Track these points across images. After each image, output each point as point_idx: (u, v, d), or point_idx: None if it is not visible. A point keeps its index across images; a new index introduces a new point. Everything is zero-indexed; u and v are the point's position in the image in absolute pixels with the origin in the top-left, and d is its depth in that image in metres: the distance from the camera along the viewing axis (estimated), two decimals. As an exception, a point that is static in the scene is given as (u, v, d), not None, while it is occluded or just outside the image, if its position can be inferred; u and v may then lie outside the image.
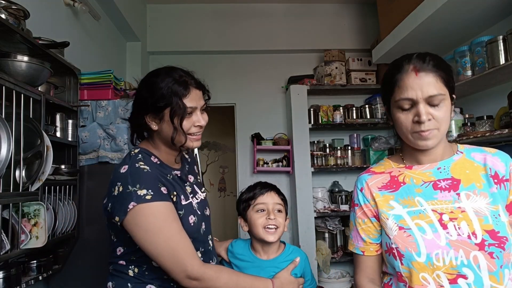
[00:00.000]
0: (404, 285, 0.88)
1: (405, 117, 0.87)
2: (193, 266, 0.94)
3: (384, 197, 0.94)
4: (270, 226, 1.12)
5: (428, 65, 0.85)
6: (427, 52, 0.90)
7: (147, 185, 0.94)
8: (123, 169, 0.99)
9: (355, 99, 3.43)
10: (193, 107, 1.01)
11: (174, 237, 0.94)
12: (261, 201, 1.15)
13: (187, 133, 1.02)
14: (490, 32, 2.10)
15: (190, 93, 1.01)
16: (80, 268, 1.79)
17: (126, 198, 0.93)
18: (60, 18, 2.03)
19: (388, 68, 0.94)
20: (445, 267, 0.81)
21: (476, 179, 0.88)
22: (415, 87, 0.84)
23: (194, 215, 1.05)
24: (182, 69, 1.07)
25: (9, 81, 1.23)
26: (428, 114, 0.84)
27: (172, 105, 0.98)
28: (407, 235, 0.86)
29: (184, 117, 1.00)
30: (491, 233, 0.80)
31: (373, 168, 1.03)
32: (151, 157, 1.06)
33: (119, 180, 0.97)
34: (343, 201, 3.06)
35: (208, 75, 3.99)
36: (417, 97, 0.84)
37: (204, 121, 1.05)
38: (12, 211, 1.25)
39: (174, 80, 1.00)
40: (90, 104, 1.87)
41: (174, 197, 1.01)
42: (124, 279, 1.04)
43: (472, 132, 1.99)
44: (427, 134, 0.85)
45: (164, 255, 0.93)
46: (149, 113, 1.03)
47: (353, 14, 3.54)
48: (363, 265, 0.99)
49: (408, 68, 0.86)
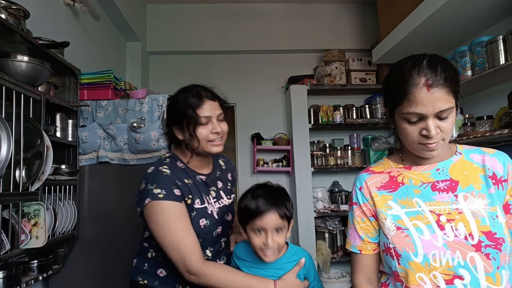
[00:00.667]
0: (401, 285, 0.88)
1: (412, 130, 0.85)
2: (191, 261, 1.03)
3: (383, 197, 0.94)
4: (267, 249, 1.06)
5: (440, 78, 0.81)
6: (435, 58, 0.85)
7: (162, 185, 1.08)
8: (150, 169, 1.15)
9: (355, 99, 3.43)
10: (207, 116, 1.14)
11: (178, 233, 1.05)
12: (259, 223, 1.05)
13: (208, 140, 1.14)
14: (490, 32, 2.10)
15: (204, 104, 1.13)
16: (80, 268, 1.79)
17: (144, 194, 1.09)
18: (60, 18, 2.03)
19: (392, 71, 0.89)
20: (442, 267, 0.81)
21: (474, 181, 0.88)
22: (426, 103, 0.81)
23: (207, 218, 1.15)
24: (201, 85, 1.21)
25: (9, 81, 1.23)
26: (437, 128, 0.83)
27: (188, 115, 1.12)
28: (405, 235, 0.86)
29: (197, 126, 1.12)
30: (488, 234, 0.80)
31: (372, 167, 1.03)
32: (177, 162, 1.19)
33: (144, 178, 1.13)
34: (343, 201, 3.06)
35: (208, 75, 4.00)
36: (428, 112, 0.81)
37: (220, 128, 1.16)
38: (12, 211, 1.25)
39: (190, 94, 1.15)
40: (90, 104, 1.87)
41: (188, 200, 1.12)
42: (144, 259, 1.21)
43: (472, 132, 1.99)
44: (434, 146, 0.85)
45: (168, 247, 1.06)
46: (174, 125, 1.18)
47: (353, 14, 3.54)
48: (360, 264, 0.98)
49: (419, 81, 0.81)
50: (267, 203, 1.05)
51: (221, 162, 1.38)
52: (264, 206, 1.04)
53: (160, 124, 1.82)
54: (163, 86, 3.27)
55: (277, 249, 1.07)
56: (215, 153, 1.18)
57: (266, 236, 1.05)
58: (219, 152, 1.19)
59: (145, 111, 1.85)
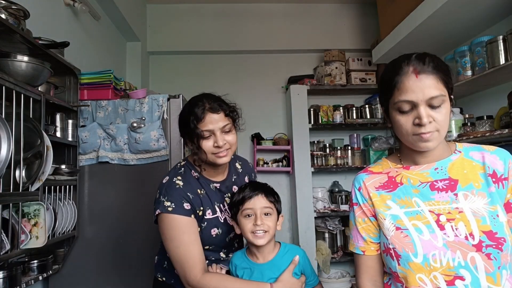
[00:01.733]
0: (401, 286, 0.87)
1: (405, 120, 0.86)
2: (190, 275, 1.09)
3: (381, 197, 0.94)
4: (258, 231, 1.11)
5: (428, 66, 0.83)
6: (425, 53, 0.88)
7: (172, 198, 1.12)
8: (164, 179, 1.19)
9: (355, 99, 3.43)
10: (209, 129, 1.13)
11: (182, 247, 1.10)
12: (248, 206, 1.12)
13: (212, 152, 1.14)
14: (490, 32, 2.10)
15: (205, 118, 1.12)
16: (80, 268, 1.80)
17: (157, 204, 1.14)
18: (60, 18, 2.03)
19: (385, 69, 0.92)
20: (442, 268, 0.81)
21: (474, 179, 0.87)
22: (415, 89, 0.82)
23: (219, 227, 1.20)
24: (209, 94, 1.20)
25: (9, 81, 1.23)
26: (429, 117, 0.83)
27: (191, 129, 1.13)
28: (404, 236, 0.86)
29: (200, 139, 1.13)
30: (489, 234, 0.80)
31: (371, 167, 1.02)
32: (192, 171, 1.22)
33: (159, 188, 1.18)
34: (343, 201, 3.06)
35: (208, 75, 4.00)
36: (418, 99, 0.82)
37: (222, 141, 1.13)
38: (12, 211, 1.25)
39: (194, 106, 1.14)
40: (90, 104, 1.87)
41: (199, 211, 1.17)
42: (163, 257, 1.25)
43: (472, 132, 1.99)
44: (428, 136, 0.84)
45: (172, 259, 1.13)
46: (184, 136, 1.21)
47: (353, 14, 3.54)
48: (364, 266, 0.97)
49: (407, 70, 0.84)
50: (254, 189, 1.14)
51: (237, 166, 1.38)
52: (251, 191, 1.13)
53: (160, 124, 1.82)
54: (163, 86, 3.27)
55: (269, 233, 1.12)
56: (221, 164, 1.18)
57: (255, 218, 1.11)
58: (226, 162, 1.18)
59: (145, 111, 1.85)
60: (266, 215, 1.13)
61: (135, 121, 1.82)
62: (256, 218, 1.11)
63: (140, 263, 1.80)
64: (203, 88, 3.73)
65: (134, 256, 1.81)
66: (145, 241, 1.80)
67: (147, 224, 1.81)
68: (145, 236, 1.81)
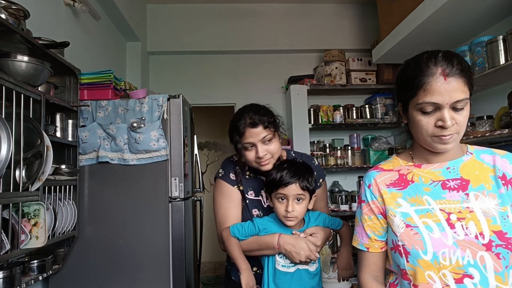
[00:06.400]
0: (408, 283, 0.88)
1: (427, 121, 0.85)
2: (219, 231, 1.29)
3: (392, 194, 0.94)
4: (288, 216, 1.18)
5: (456, 69, 0.83)
6: (450, 51, 0.87)
7: (224, 167, 1.37)
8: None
9: (355, 99, 3.43)
10: (250, 142, 1.23)
11: (219, 208, 1.32)
12: (281, 192, 1.18)
13: (255, 162, 1.25)
14: (490, 32, 2.10)
15: (245, 133, 1.23)
16: (80, 268, 1.79)
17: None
18: (60, 18, 2.03)
19: (406, 65, 0.91)
20: (452, 266, 0.81)
21: (485, 180, 0.88)
22: (443, 92, 0.82)
23: (260, 210, 1.33)
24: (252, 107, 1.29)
25: (9, 81, 1.23)
26: (452, 119, 0.83)
27: (235, 141, 1.27)
28: (414, 233, 0.86)
29: (242, 152, 1.26)
30: (499, 234, 0.80)
31: (382, 165, 1.03)
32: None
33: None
34: (343, 201, 3.06)
35: (208, 75, 3.98)
36: (444, 102, 0.82)
37: (262, 153, 1.22)
38: (12, 211, 1.25)
39: (237, 121, 1.25)
40: (90, 104, 1.87)
41: (241, 187, 1.33)
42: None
43: (472, 132, 1.99)
44: (448, 139, 0.84)
45: (215, 219, 1.33)
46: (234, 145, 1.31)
47: (353, 14, 3.54)
48: (367, 262, 0.99)
49: (436, 71, 0.83)
50: (290, 175, 1.18)
51: None
52: (287, 177, 1.18)
53: (160, 124, 1.82)
54: (163, 86, 3.28)
55: (298, 217, 1.20)
56: (265, 171, 1.26)
57: (287, 204, 1.18)
58: (269, 169, 1.25)
59: (145, 111, 1.85)
60: (298, 201, 1.19)
61: (135, 121, 1.82)
62: (287, 204, 1.18)
63: (140, 263, 1.80)
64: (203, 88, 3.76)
65: (134, 256, 1.81)
66: (145, 241, 1.80)
67: (147, 224, 1.81)
68: (145, 236, 1.81)
